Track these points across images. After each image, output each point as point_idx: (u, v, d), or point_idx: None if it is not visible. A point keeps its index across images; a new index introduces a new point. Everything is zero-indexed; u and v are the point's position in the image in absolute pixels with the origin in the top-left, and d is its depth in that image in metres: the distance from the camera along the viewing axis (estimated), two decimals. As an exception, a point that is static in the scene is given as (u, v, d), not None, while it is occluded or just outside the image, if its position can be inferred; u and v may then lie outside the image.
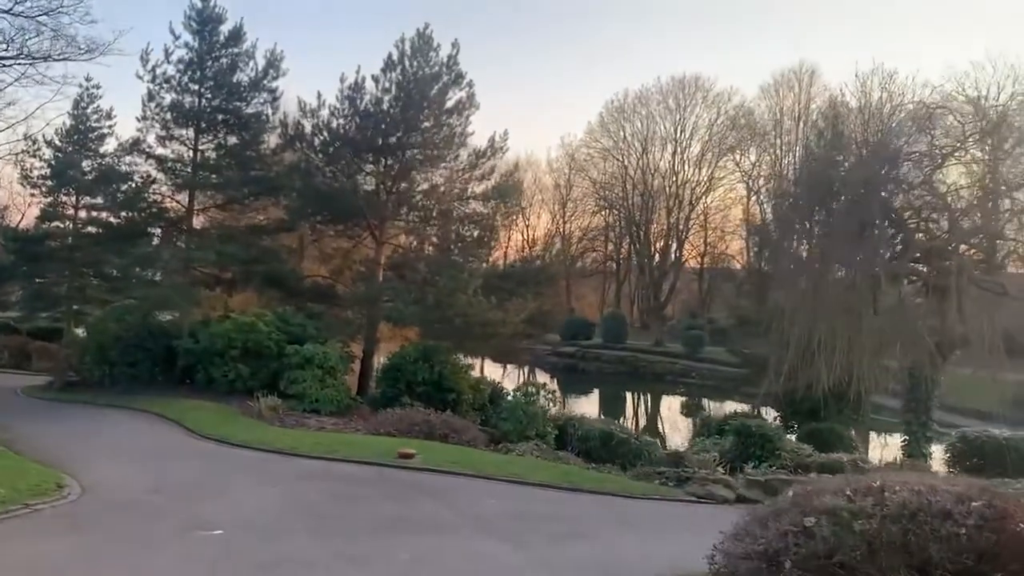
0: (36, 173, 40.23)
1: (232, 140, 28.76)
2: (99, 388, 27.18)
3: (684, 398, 52.89)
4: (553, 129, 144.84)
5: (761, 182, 74.66)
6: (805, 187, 29.32)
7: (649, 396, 57.10)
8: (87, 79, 37.75)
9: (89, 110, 40.27)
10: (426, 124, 28.59)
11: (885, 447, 31.95)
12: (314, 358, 24.35)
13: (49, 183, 40.25)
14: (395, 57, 28.03)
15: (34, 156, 39.40)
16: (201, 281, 28.91)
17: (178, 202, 28.89)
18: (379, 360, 29.88)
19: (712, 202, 75.10)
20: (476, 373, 28.01)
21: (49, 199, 40.76)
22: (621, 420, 34.51)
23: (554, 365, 57.80)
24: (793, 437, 25.76)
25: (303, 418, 22.07)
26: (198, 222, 29.33)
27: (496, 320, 25.03)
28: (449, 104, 28.78)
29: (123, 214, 29.94)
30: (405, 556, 9.47)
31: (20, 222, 50.83)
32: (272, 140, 29.51)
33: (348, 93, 27.62)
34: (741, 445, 22.57)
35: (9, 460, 13.84)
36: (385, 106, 27.88)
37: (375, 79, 27.50)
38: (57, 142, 39.97)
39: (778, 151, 72.58)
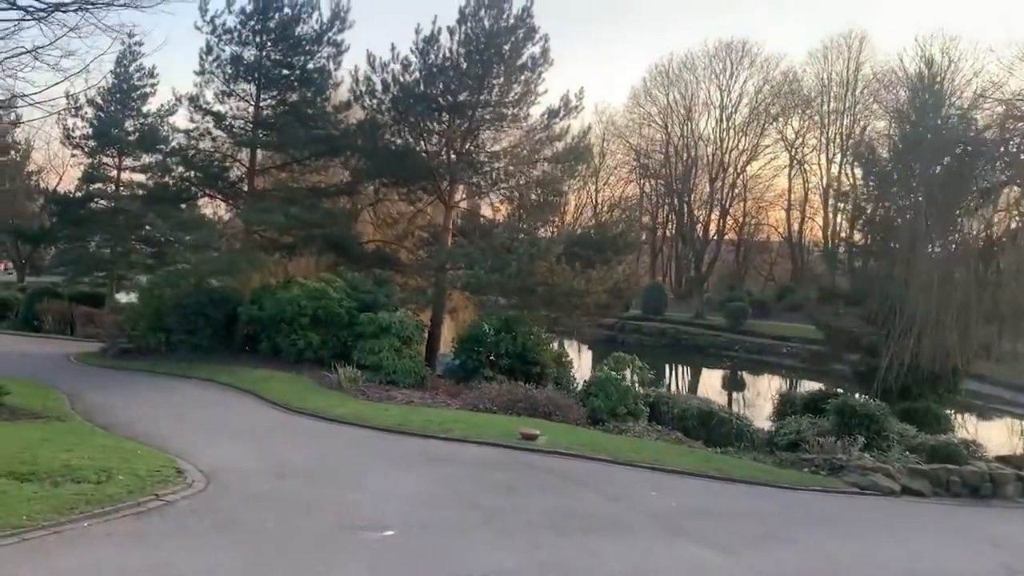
0: (78, 133, 39.06)
1: (294, 97, 27.14)
2: (155, 356, 25.98)
3: (742, 372, 51.46)
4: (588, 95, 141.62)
5: (806, 150, 72.77)
6: (900, 152, 27.53)
7: (689, 369, 55.72)
8: (130, 35, 36.26)
9: (131, 68, 38.99)
10: (498, 81, 26.88)
11: (980, 428, 30.50)
12: (390, 327, 22.96)
13: (91, 143, 39.08)
14: (467, 9, 26.29)
15: (76, 115, 38.16)
16: (260, 245, 27.45)
17: (239, 162, 27.39)
18: (446, 331, 28.54)
19: (754, 171, 73.14)
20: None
21: (91, 160, 39.62)
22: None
23: (593, 336, 56.31)
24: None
25: (385, 390, 20.73)
26: (258, 183, 27.75)
27: (580, 290, 23.48)
28: (522, 60, 27.04)
29: (173, 174, 28.38)
30: (617, 565, 8.06)
31: (58, 184, 49.73)
32: (336, 97, 27.88)
33: (422, 46, 25.89)
34: (843, 425, 21.06)
35: (108, 439, 12.51)
36: (459, 61, 26.17)
37: (451, 31, 25.76)
38: (99, 101, 38.70)
39: (825, 118, 70.48)
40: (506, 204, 31.25)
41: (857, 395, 27.60)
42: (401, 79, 26.36)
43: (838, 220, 64.98)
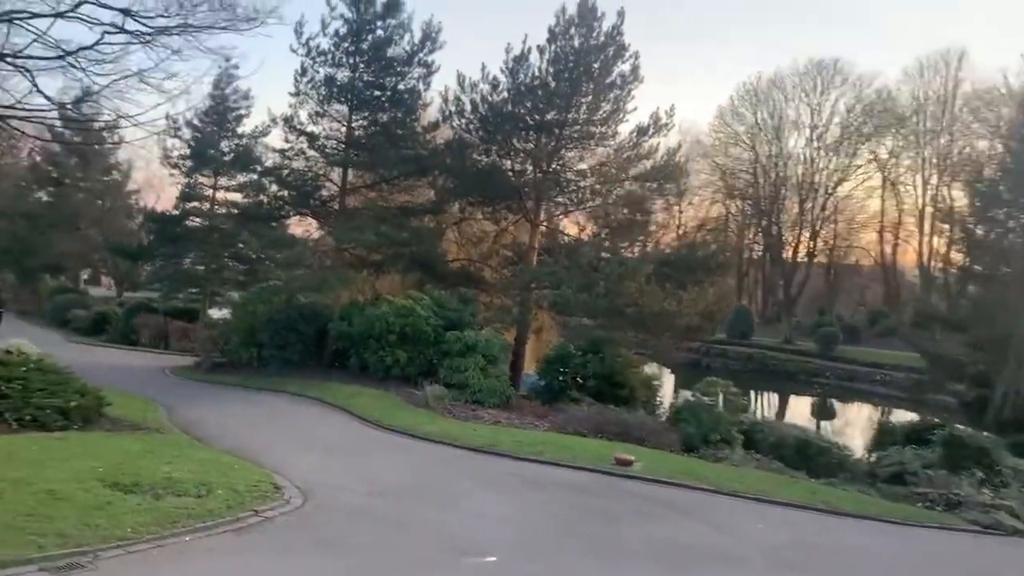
0: (176, 153, 40.45)
1: (384, 117, 27.45)
2: (247, 370, 26.48)
3: (832, 400, 49.58)
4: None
5: (900, 170, 70.11)
6: (1010, 171, 26.13)
7: (776, 396, 53.83)
8: (227, 59, 37.44)
9: (228, 90, 40.20)
10: (587, 99, 26.67)
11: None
12: (476, 345, 22.82)
13: (188, 163, 40.41)
14: (557, 28, 26.20)
15: (175, 136, 39.56)
16: (349, 263, 27.76)
17: (332, 181, 27.82)
18: (529, 351, 28.31)
19: (845, 192, 70.72)
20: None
21: (188, 179, 40.94)
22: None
23: (676, 360, 54.99)
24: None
25: (471, 410, 20.54)
26: (348, 202, 28.11)
27: (671, 311, 22.88)
28: (611, 78, 26.76)
29: (267, 192, 28.93)
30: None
31: (156, 203, 51.64)
32: (425, 117, 28.09)
33: (512, 65, 25.91)
34: (951, 458, 19.85)
35: (206, 452, 12.60)
36: (547, 80, 26.07)
37: (540, 50, 25.69)
38: (196, 122, 40.04)
39: (921, 138, 67.80)
40: (591, 223, 30.95)
41: (961, 426, 26.18)
42: (490, 98, 26.46)
43: (935, 243, 62.43)
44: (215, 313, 41.16)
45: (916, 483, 17.33)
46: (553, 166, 27.49)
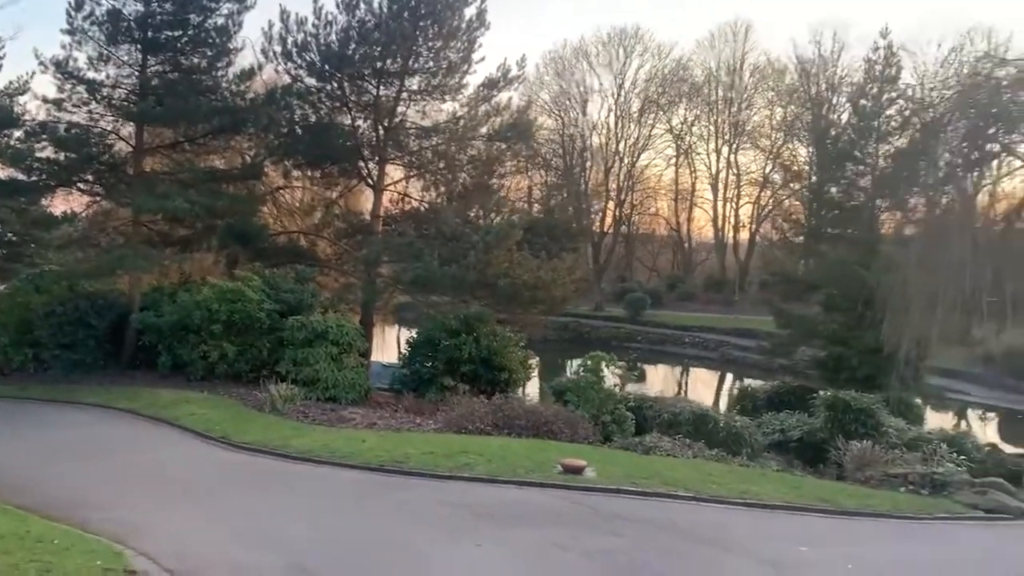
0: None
1: (187, 62, 22.55)
2: (22, 377, 21.08)
3: (648, 365, 49.91)
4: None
5: (693, 139, 72.51)
6: (857, 130, 26.17)
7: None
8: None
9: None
10: (432, 44, 23.37)
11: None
12: (327, 332, 19.16)
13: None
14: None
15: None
16: (148, 240, 22.72)
17: (125, 140, 22.52)
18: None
19: (645, 161, 72.13)
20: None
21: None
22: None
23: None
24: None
25: (331, 410, 16.98)
26: (145, 165, 22.94)
27: (547, 281, 20.42)
28: (456, 22, 23.62)
29: (37, 156, 22.97)
30: None
31: None
32: (239, 63, 23.39)
33: (348, 1, 22.01)
34: (835, 422, 19.15)
35: (3, 519, 8.28)
36: (386, 20, 22.46)
37: (380, -13, 21.99)
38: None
39: (713, 107, 70.44)
40: (434, 188, 27.84)
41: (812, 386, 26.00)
42: (322, 39, 22.43)
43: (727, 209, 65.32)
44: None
45: (838, 458, 16.21)
46: (395, 122, 24.00)
